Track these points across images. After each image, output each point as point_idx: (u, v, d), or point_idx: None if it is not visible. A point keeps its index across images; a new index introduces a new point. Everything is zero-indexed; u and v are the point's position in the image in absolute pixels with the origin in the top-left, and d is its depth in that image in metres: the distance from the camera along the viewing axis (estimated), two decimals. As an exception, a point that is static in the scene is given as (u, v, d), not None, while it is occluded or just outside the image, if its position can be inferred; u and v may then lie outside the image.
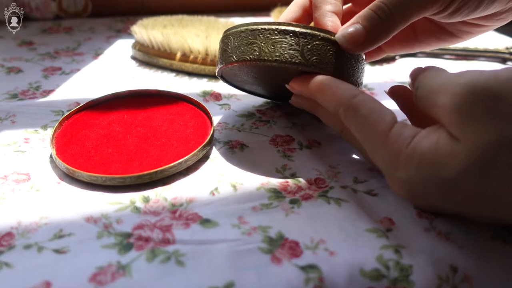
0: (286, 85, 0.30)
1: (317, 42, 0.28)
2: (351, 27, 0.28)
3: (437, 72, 0.25)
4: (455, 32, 0.34)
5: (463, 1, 0.29)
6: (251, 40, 0.29)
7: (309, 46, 0.28)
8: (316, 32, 0.28)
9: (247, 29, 0.29)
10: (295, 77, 0.30)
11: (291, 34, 0.28)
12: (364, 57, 0.31)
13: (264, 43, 0.28)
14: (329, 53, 0.28)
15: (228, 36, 0.30)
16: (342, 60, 0.29)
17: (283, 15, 0.35)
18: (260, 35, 0.28)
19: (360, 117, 0.25)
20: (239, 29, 0.30)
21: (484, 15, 0.31)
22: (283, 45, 0.28)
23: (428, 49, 0.37)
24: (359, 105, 0.25)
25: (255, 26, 0.29)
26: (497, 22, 0.33)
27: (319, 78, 0.28)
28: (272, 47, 0.28)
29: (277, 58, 0.28)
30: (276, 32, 0.28)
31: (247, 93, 0.38)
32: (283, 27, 0.28)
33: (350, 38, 0.28)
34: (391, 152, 0.24)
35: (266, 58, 0.28)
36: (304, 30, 0.28)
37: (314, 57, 0.28)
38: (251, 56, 0.28)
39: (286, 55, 0.28)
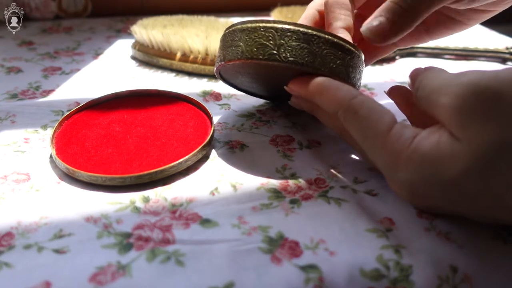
0: (285, 87, 0.30)
1: (356, 60, 0.29)
2: (375, 20, 0.29)
3: (438, 72, 0.25)
4: (464, 21, 0.35)
5: None
6: (303, 45, 0.28)
7: (351, 63, 0.29)
8: (355, 51, 0.29)
9: (298, 30, 0.28)
10: (294, 78, 0.30)
11: (338, 47, 0.28)
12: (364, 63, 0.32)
13: (318, 51, 0.28)
14: (358, 68, 0.30)
15: (269, 30, 0.28)
16: (358, 70, 0.30)
17: None
18: (314, 42, 0.28)
19: (359, 118, 0.25)
20: (286, 26, 0.28)
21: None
22: (333, 58, 0.28)
23: (438, 39, 0.37)
24: (358, 106, 0.25)
25: (307, 30, 0.28)
26: (504, 6, 0.34)
27: (318, 79, 0.28)
28: (325, 58, 0.28)
29: (327, 70, 0.28)
30: (329, 43, 0.28)
31: (241, 91, 0.38)
32: (335, 40, 0.28)
33: (376, 31, 0.29)
34: (391, 153, 0.24)
35: (318, 67, 0.28)
36: (349, 47, 0.29)
37: (353, 74, 0.29)
38: (302, 61, 0.28)
39: (334, 67, 0.28)
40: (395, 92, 0.31)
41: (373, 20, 0.29)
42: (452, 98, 0.22)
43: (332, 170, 0.30)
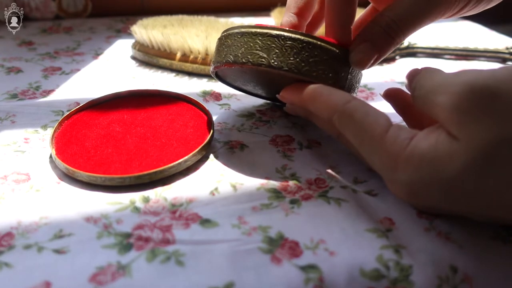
0: (277, 95, 0.30)
1: (346, 62, 0.29)
2: (362, 45, 0.29)
3: (434, 72, 0.25)
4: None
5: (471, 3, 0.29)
6: (290, 50, 0.28)
7: (340, 67, 0.29)
8: (343, 53, 0.29)
9: (289, 36, 0.28)
10: (286, 87, 0.29)
11: (329, 53, 0.28)
12: None
13: (306, 57, 0.28)
14: (352, 72, 0.30)
15: (263, 36, 0.28)
16: (355, 76, 0.31)
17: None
18: (303, 48, 0.28)
19: (354, 122, 0.25)
20: (277, 32, 0.28)
21: None
22: (322, 63, 0.28)
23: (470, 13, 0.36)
24: (353, 110, 0.25)
25: (296, 36, 0.28)
26: None
27: (311, 86, 0.28)
28: (314, 64, 0.28)
29: (318, 76, 0.28)
30: (318, 49, 0.28)
31: (241, 91, 0.38)
32: (323, 44, 0.28)
33: (362, 61, 0.29)
34: (389, 155, 0.24)
35: (307, 73, 0.28)
36: (335, 51, 0.29)
37: (344, 76, 0.29)
38: (290, 67, 0.28)
39: (327, 74, 0.28)
40: (390, 93, 0.31)
41: (361, 45, 0.29)
42: (449, 97, 0.22)
43: (332, 170, 0.30)
